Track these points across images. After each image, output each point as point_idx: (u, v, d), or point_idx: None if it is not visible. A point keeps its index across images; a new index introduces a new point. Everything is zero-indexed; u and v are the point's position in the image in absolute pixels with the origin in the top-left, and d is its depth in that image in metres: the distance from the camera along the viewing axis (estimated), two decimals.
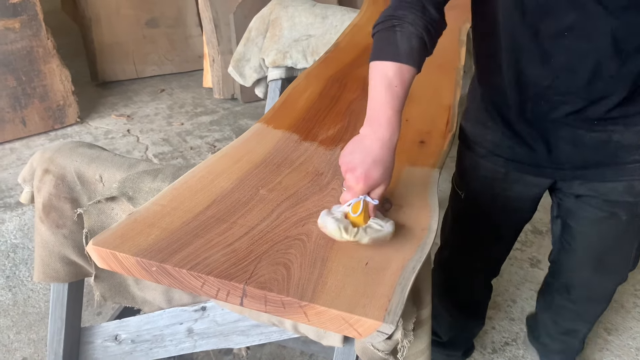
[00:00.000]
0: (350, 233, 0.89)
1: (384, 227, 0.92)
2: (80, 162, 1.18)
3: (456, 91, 1.54)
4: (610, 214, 1.23)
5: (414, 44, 0.97)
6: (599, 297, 1.48)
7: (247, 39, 2.56)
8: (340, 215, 0.92)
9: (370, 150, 0.94)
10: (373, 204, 0.93)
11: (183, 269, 0.83)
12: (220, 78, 3.47)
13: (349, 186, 0.94)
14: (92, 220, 1.20)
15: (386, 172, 0.94)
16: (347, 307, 0.79)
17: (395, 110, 0.96)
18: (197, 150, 2.96)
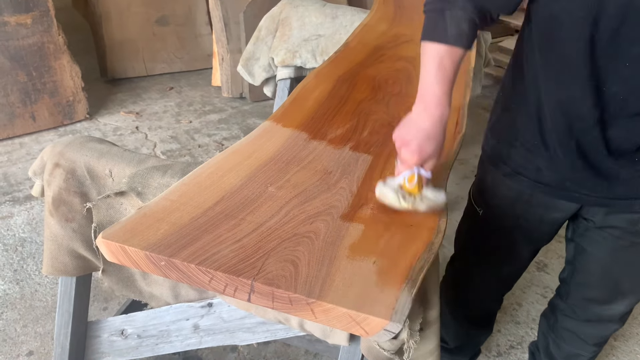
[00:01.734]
0: (408, 201, 0.99)
1: (438, 197, 1.01)
2: (90, 157, 1.18)
3: (466, 93, 1.53)
4: (632, 243, 1.20)
5: (463, 27, 0.99)
6: (612, 319, 1.41)
7: (256, 38, 2.57)
8: (396, 186, 1.01)
9: (423, 127, 1.01)
10: (426, 177, 1.02)
11: (191, 264, 0.84)
12: (229, 77, 3.48)
13: (403, 159, 1.02)
14: (101, 214, 1.20)
15: (438, 147, 1.02)
16: (355, 305, 0.79)
17: (446, 90, 1.02)
18: (205, 148, 2.97)
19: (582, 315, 1.42)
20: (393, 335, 0.79)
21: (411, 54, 1.79)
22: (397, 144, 1.04)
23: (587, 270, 1.32)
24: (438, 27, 1.01)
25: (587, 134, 1.06)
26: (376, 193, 1.02)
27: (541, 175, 1.17)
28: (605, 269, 1.29)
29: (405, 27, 2.05)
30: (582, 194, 1.16)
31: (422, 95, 1.03)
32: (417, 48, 1.83)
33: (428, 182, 1.03)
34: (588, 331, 1.46)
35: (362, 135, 1.27)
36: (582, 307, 1.41)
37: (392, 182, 1.02)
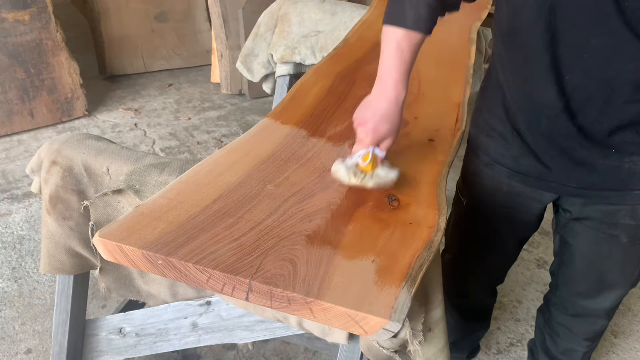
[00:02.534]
0: (357, 177, 1.04)
1: (388, 175, 1.05)
2: (88, 154, 1.18)
3: (466, 89, 1.53)
4: (610, 235, 1.20)
5: (422, 12, 1.02)
6: (598, 314, 1.41)
7: (255, 34, 2.55)
8: (351, 164, 1.05)
9: (379, 108, 1.05)
10: (380, 155, 1.06)
11: (189, 263, 0.83)
12: (228, 73, 3.47)
13: (359, 139, 1.07)
14: (99, 212, 1.19)
15: (393, 127, 1.06)
16: (353, 304, 0.78)
17: (402, 73, 1.06)
18: (204, 145, 2.96)
19: (571, 309, 1.43)
20: (392, 334, 0.78)
21: None
22: (354, 123, 1.08)
23: (571, 263, 1.33)
24: (397, 12, 1.04)
25: (555, 122, 1.07)
26: (331, 170, 1.06)
27: (518, 164, 1.18)
28: (587, 261, 1.29)
29: None
30: (559, 184, 1.16)
31: (380, 77, 1.07)
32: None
33: (383, 161, 1.07)
34: (578, 326, 1.47)
35: None
36: (570, 301, 1.42)
37: (348, 161, 1.07)
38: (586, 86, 1.01)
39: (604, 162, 1.08)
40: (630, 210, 1.15)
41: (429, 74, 1.62)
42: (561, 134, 1.08)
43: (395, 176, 1.05)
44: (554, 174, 1.15)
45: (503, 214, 1.29)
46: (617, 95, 1.00)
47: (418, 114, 1.36)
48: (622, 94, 1.00)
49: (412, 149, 1.21)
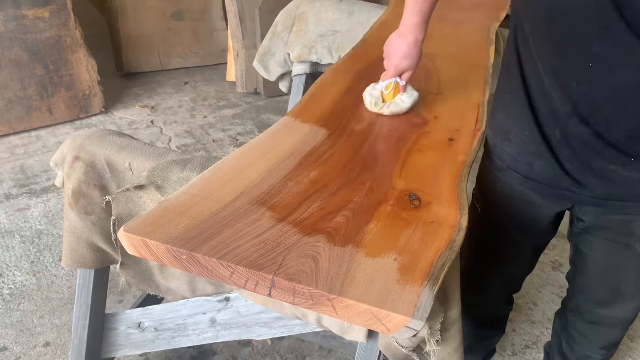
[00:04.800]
0: (377, 106, 1.33)
1: (403, 103, 1.32)
2: (110, 150, 1.19)
3: (485, 89, 1.52)
4: (625, 245, 1.18)
5: None
6: (613, 323, 1.39)
7: (272, 33, 2.56)
8: (376, 92, 1.34)
9: (401, 47, 1.30)
10: (402, 84, 1.33)
11: (213, 258, 0.84)
12: (243, 72, 3.48)
13: (386, 70, 1.34)
14: (120, 207, 1.21)
15: (412, 62, 1.31)
16: (376, 301, 0.78)
17: (419, 21, 1.27)
18: (220, 143, 2.98)
19: (587, 316, 1.41)
20: (414, 333, 0.78)
21: (429, 50, 1.76)
22: (384, 55, 1.34)
23: (585, 272, 1.31)
24: None
25: (568, 128, 1.04)
26: (363, 94, 1.37)
27: (531, 170, 1.16)
28: (601, 271, 1.27)
29: None
30: (573, 192, 1.13)
31: (402, 22, 1.30)
32: (435, 44, 1.83)
33: (405, 87, 1.34)
34: (593, 333, 1.44)
35: (382, 130, 1.27)
36: (586, 308, 1.39)
37: (376, 87, 1.35)
38: (594, 94, 0.98)
39: (622, 171, 1.05)
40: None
41: (448, 74, 1.61)
42: (576, 139, 1.05)
43: (411, 102, 1.33)
44: (569, 181, 1.11)
45: (517, 221, 1.28)
46: (628, 104, 0.97)
47: (437, 113, 1.36)
48: (633, 103, 0.97)
49: (433, 147, 1.21)
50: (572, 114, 1.03)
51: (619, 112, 0.98)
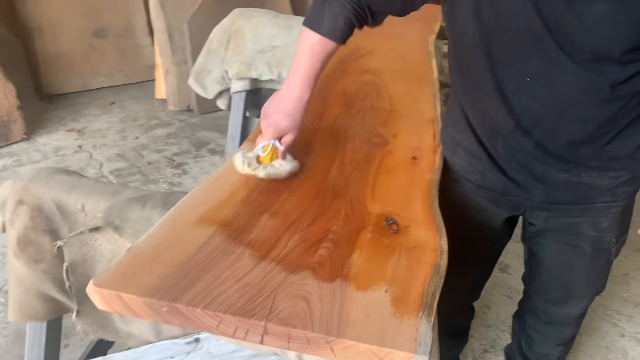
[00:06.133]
0: (250, 167, 1.09)
1: (282, 166, 1.10)
2: (59, 191, 1.09)
3: (436, 104, 1.54)
4: (574, 246, 1.24)
5: (339, 22, 1.06)
6: (568, 321, 1.46)
7: (207, 50, 2.49)
8: (251, 154, 1.12)
9: (283, 105, 1.11)
10: (280, 149, 1.12)
11: (197, 308, 0.78)
12: (175, 89, 3.36)
13: (263, 131, 1.12)
14: (74, 252, 1.11)
15: (294, 124, 1.11)
16: (376, 339, 0.76)
17: (310, 76, 1.11)
18: (156, 166, 2.86)
19: (543, 317, 1.47)
20: None
21: (375, 66, 1.78)
22: (261, 115, 1.14)
23: (539, 273, 1.37)
24: (317, 17, 1.08)
25: (511, 140, 1.10)
26: (232, 157, 1.13)
27: (484, 179, 1.20)
28: (554, 271, 1.33)
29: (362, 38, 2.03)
30: (523, 199, 1.19)
31: (290, 76, 1.14)
32: (379, 60, 1.84)
33: (284, 154, 1.13)
34: (550, 332, 1.51)
35: (345, 153, 1.24)
36: (541, 308, 1.46)
37: (250, 151, 1.13)
38: (534, 107, 1.04)
39: (564, 177, 1.12)
40: (592, 221, 1.19)
41: (396, 90, 1.62)
42: (519, 151, 1.11)
43: (289, 168, 1.10)
44: (518, 189, 1.17)
45: (474, 228, 1.30)
46: (566, 115, 1.02)
47: (396, 131, 1.36)
48: (570, 115, 1.02)
49: (398, 167, 1.21)
50: (515, 128, 1.08)
51: (558, 122, 1.04)
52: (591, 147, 1.07)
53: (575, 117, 1.02)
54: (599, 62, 0.94)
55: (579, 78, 0.97)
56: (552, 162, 1.09)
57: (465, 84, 1.14)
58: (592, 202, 1.15)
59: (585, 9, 0.88)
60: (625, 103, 1.01)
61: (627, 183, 1.13)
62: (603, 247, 1.23)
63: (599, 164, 1.09)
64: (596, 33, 0.90)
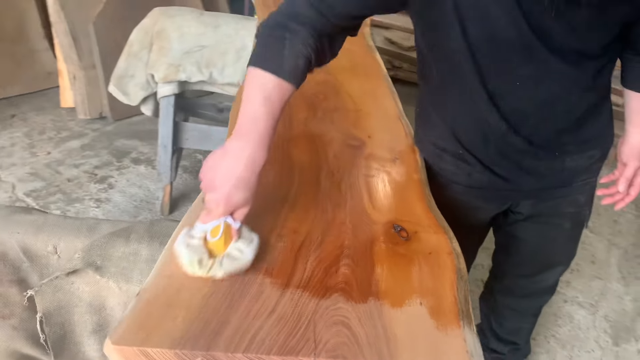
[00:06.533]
0: (204, 267, 0.82)
1: (243, 254, 0.85)
2: (24, 234, 0.96)
3: (396, 100, 1.53)
4: (556, 225, 1.31)
5: (300, 63, 0.91)
6: (545, 290, 1.55)
7: (128, 53, 2.32)
8: (198, 241, 0.85)
9: (234, 170, 0.85)
10: (235, 227, 0.87)
11: (237, 354, 0.71)
12: (84, 96, 3.10)
13: (208, 208, 0.86)
14: (47, 300, 0.98)
15: (249, 194, 0.87)
16: (430, 358, 0.73)
17: (268, 129, 0.88)
18: (77, 182, 2.62)
19: (519, 291, 1.55)
20: None
21: None
22: (202, 184, 0.89)
23: (518, 253, 1.43)
24: (274, 56, 0.90)
25: (501, 141, 1.12)
26: (174, 248, 0.85)
27: (473, 180, 1.22)
28: (534, 249, 1.40)
29: None
30: (512, 191, 1.23)
31: (240, 130, 0.88)
32: None
33: (238, 232, 0.88)
34: (526, 305, 1.60)
35: (328, 160, 1.20)
36: (518, 284, 1.53)
37: (195, 233, 0.86)
38: (523, 108, 1.07)
39: (551, 166, 1.17)
40: (572, 200, 1.27)
41: (353, 88, 1.60)
42: (509, 150, 1.14)
43: (253, 252, 0.86)
44: (507, 184, 1.20)
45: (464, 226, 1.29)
46: (553, 110, 1.08)
47: (369, 132, 1.34)
48: (556, 109, 1.08)
49: (385, 170, 1.18)
50: (507, 130, 1.10)
51: (545, 117, 1.09)
52: (572, 133, 1.12)
53: (561, 110, 1.08)
54: (582, 59, 1.00)
55: (564, 76, 1.02)
56: (540, 154, 1.13)
57: (451, 95, 1.12)
58: (573, 182, 1.22)
59: (571, 15, 0.92)
60: (600, 89, 1.09)
61: (599, 159, 1.22)
62: (580, 220, 1.32)
63: (577, 148, 1.16)
64: (580, 35, 0.95)
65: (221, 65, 2.22)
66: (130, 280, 0.98)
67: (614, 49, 1.03)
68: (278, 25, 0.93)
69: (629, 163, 1.19)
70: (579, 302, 2.22)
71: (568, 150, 1.15)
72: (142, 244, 0.96)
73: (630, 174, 1.19)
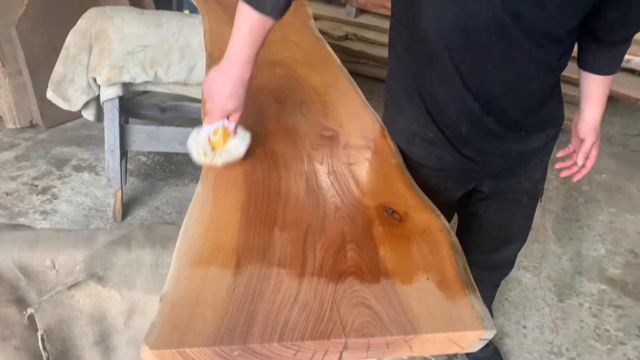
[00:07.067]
0: (208, 157, 1.12)
1: (237, 149, 1.14)
2: (19, 250, 0.93)
3: (356, 89, 1.58)
4: (515, 200, 1.41)
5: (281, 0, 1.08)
6: (504, 265, 1.67)
7: (65, 57, 2.22)
8: (203, 139, 1.13)
9: (226, 84, 1.11)
10: (230, 127, 1.14)
11: (273, 343, 0.74)
12: (11, 104, 2.93)
13: (209, 113, 1.13)
14: (47, 317, 0.96)
15: (239, 102, 1.13)
16: (447, 326, 0.80)
17: (251, 55, 1.11)
18: (17, 195, 2.49)
19: (482, 264, 1.64)
20: (487, 342, 0.82)
21: (279, 58, 1.76)
22: (204, 96, 1.15)
23: (480, 229, 1.52)
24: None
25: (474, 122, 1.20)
26: (187, 144, 1.14)
27: (443, 163, 1.28)
28: (496, 225, 1.50)
29: None
30: (478, 172, 1.31)
31: (228, 56, 1.12)
32: (278, 51, 1.82)
33: (235, 130, 1.15)
34: (488, 277, 1.70)
35: (309, 151, 1.23)
36: (481, 258, 1.62)
37: (201, 134, 1.14)
38: (494, 89, 1.15)
39: (517, 146, 1.26)
40: (529, 176, 1.37)
41: (313, 80, 1.63)
42: (480, 130, 1.21)
43: (245, 146, 1.14)
44: (474, 165, 1.27)
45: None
46: (521, 90, 1.16)
47: (339, 122, 1.38)
48: (524, 89, 1.16)
49: (364, 158, 1.23)
50: (480, 111, 1.17)
51: (514, 97, 1.17)
52: (535, 113, 1.21)
53: (527, 91, 1.16)
54: (550, 43, 1.08)
55: (533, 59, 1.10)
56: (508, 133, 1.22)
57: (426, 78, 1.19)
58: (531, 160, 1.31)
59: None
60: (559, 72, 1.19)
61: (553, 137, 1.32)
62: (536, 195, 1.43)
63: (538, 127, 1.25)
64: (551, 18, 1.03)
65: (166, 64, 2.18)
66: (133, 287, 0.97)
67: (575, 35, 1.12)
68: None
69: (587, 138, 1.31)
70: (524, 266, 2.40)
71: (532, 130, 1.24)
72: (144, 250, 0.96)
73: (587, 148, 1.31)
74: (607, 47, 1.21)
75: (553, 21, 1.04)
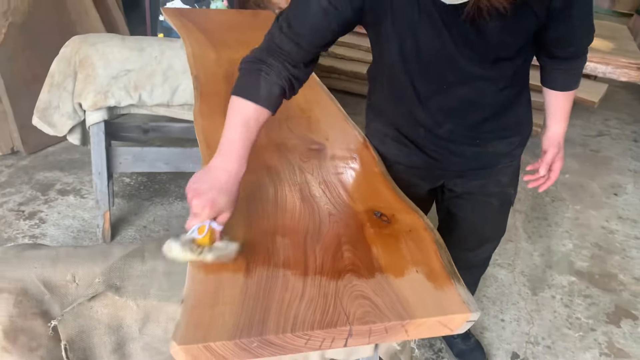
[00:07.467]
0: (195, 252, 0.96)
1: (228, 246, 0.99)
2: (43, 267, 1.00)
3: (337, 104, 1.70)
4: (485, 202, 1.53)
5: (275, 91, 1.11)
6: (480, 263, 1.79)
7: (50, 84, 2.29)
8: (186, 240, 0.97)
9: (217, 181, 1.02)
10: (218, 229, 1.01)
11: (287, 334, 0.84)
12: None
13: (195, 212, 0.99)
14: (69, 328, 1.04)
15: (230, 201, 1.03)
16: (438, 311, 0.91)
17: (246, 148, 1.07)
18: (4, 221, 2.52)
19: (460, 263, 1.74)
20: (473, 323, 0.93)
21: None
22: (189, 195, 1.01)
23: (457, 228, 1.64)
24: (251, 86, 1.09)
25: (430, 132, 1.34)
26: (163, 249, 0.97)
27: (411, 161, 1.42)
28: (470, 224, 1.62)
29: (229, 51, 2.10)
30: (443, 171, 1.45)
31: (222, 149, 1.06)
32: None
33: (222, 235, 1.02)
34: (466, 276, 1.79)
35: (300, 164, 1.34)
36: (459, 257, 1.72)
37: (183, 237, 0.98)
38: (448, 106, 1.28)
39: (473, 150, 1.38)
40: (496, 181, 1.49)
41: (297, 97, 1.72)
42: (437, 138, 1.35)
43: (235, 248, 0.99)
44: (438, 164, 1.41)
45: None
46: (474, 106, 1.28)
47: (325, 135, 1.49)
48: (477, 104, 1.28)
49: (350, 168, 1.34)
50: (434, 124, 1.32)
51: (467, 112, 1.30)
52: (491, 123, 1.34)
53: (482, 105, 1.29)
54: (499, 62, 1.20)
55: (484, 79, 1.22)
56: (463, 141, 1.35)
57: (390, 94, 1.34)
58: (495, 165, 1.44)
59: (485, 26, 1.11)
60: (517, 84, 1.31)
61: (519, 145, 1.44)
62: (506, 199, 1.54)
63: (497, 135, 1.37)
64: (496, 43, 1.15)
65: (150, 87, 2.26)
66: (148, 295, 1.06)
67: (528, 51, 1.24)
68: (256, 59, 1.13)
69: (549, 150, 1.44)
70: (498, 263, 2.53)
71: (488, 138, 1.36)
72: (157, 261, 1.04)
73: (549, 159, 1.44)
74: (562, 63, 1.32)
75: (498, 46, 1.15)
